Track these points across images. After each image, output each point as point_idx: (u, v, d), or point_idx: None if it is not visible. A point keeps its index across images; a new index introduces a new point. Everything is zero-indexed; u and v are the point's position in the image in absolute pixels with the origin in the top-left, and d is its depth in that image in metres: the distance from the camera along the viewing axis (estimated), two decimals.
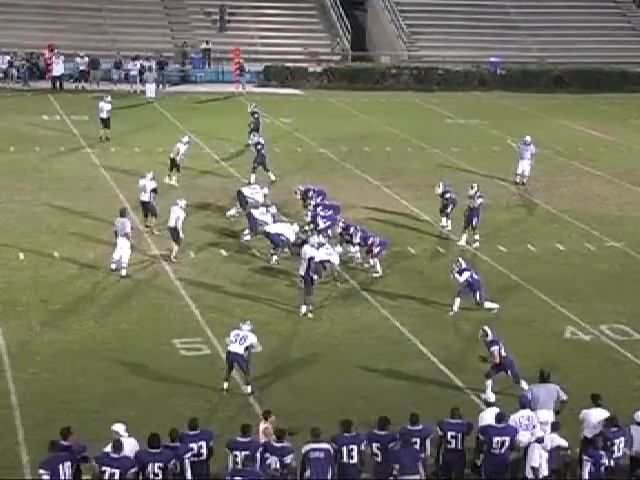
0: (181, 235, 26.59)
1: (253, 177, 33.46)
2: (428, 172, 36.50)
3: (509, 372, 19.31)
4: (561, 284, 26.07)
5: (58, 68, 51.54)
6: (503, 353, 19.36)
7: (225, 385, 19.52)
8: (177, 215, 26.43)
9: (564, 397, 17.61)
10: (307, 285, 23.58)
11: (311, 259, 23.66)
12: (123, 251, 25.31)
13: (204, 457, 15.63)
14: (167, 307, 23.63)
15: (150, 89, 49.89)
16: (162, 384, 19.82)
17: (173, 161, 33.33)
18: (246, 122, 38.71)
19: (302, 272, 23.73)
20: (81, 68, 52.47)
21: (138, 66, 52.01)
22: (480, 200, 28.61)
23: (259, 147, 34.13)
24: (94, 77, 52.65)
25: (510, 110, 50.27)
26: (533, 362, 19.37)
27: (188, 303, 23.87)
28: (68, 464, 14.91)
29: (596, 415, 16.68)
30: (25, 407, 18.63)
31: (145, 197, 28.61)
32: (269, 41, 58.22)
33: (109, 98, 40.32)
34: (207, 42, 56.06)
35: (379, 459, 15.77)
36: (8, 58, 51.98)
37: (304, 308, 23.49)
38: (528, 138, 35.77)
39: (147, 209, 28.80)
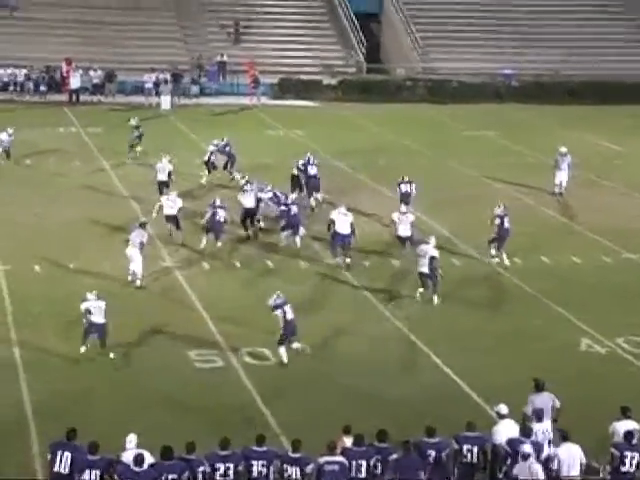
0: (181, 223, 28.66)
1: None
2: (443, 184, 36.39)
3: None
4: (576, 296, 25.92)
5: (75, 81, 51.83)
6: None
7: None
8: (179, 205, 28.56)
9: (558, 404, 17.57)
10: (434, 280, 24.98)
11: (433, 258, 24.89)
12: (136, 262, 25.39)
13: (230, 478, 15.47)
14: (181, 318, 23.58)
15: (165, 101, 50.01)
16: (177, 396, 19.76)
17: (206, 163, 35.05)
18: (261, 135, 38.69)
19: (425, 270, 24.87)
20: (95, 81, 52.80)
21: (153, 78, 52.25)
22: (506, 219, 28.01)
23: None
24: (109, 90, 52.84)
25: (525, 122, 50.15)
26: (548, 375, 19.20)
27: (202, 315, 23.82)
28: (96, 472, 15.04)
29: (626, 427, 16.55)
30: (40, 418, 18.59)
31: (163, 177, 31.81)
32: (283, 54, 58.26)
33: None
34: (222, 55, 56.13)
35: (378, 471, 15.71)
36: (25, 71, 52.25)
37: (436, 298, 24.94)
38: (564, 149, 35.70)
39: (165, 186, 31.47)
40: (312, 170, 32.98)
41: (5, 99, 51.00)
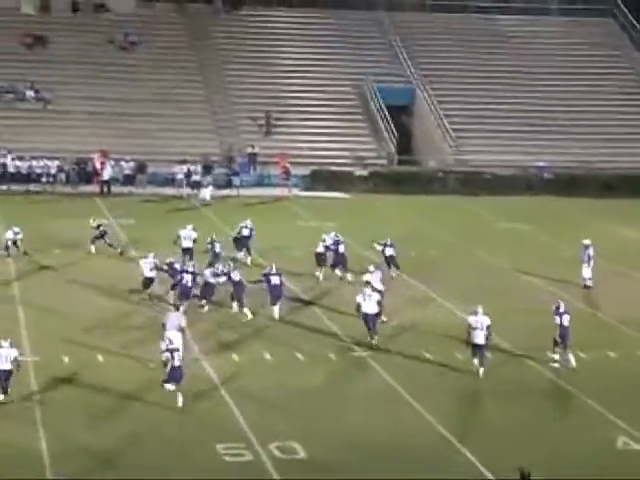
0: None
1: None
2: (473, 276, 36.40)
3: None
4: (613, 392, 25.64)
5: (106, 172, 52.59)
6: None
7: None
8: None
9: None
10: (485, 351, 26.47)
11: (489, 326, 26.04)
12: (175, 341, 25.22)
13: None
14: (210, 409, 23.52)
15: (206, 192, 50.72)
16: None
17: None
18: (292, 226, 38.94)
19: (481, 341, 26.06)
20: (126, 172, 53.53)
21: (185, 170, 52.91)
22: (566, 316, 27.39)
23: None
24: (141, 181, 53.48)
25: (558, 215, 50.22)
26: (584, 471, 19.03)
27: (232, 408, 23.75)
28: None
29: None
30: None
31: (188, 243, 34.61)
32: (315, 145, 58.87)
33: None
34: (253, 146, 56.80)
35: None
36: (57, 163, 53.06)
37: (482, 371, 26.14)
38: (587, 241, 35.81)
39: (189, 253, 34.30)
40: (341, 248, 35.47)
41: (37, 190, 51.80)
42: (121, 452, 21.19)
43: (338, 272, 35.24)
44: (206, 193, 51.09)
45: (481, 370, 26.14)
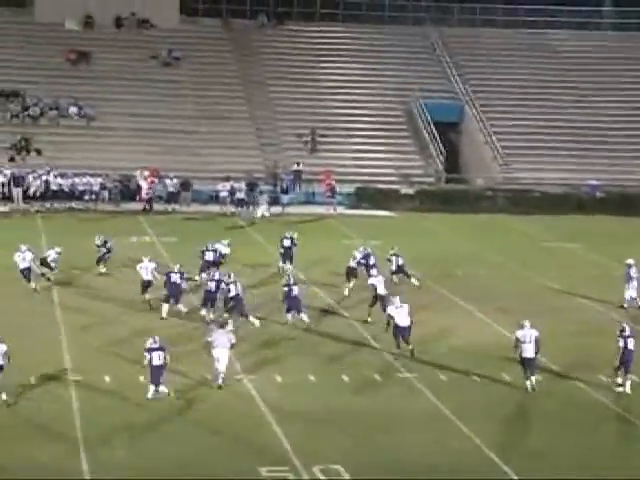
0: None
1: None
2: (524, 297, 36.25)
3: None
4: None
5: (150, 189, 53.00)
6: None
7: None
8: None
9: None
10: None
11: (538, 338, 26.23)
12: (222, 363, 25.97)
13: None
14: (252, 430, 23.57)
15: (261, 209, 51.04)
16: None
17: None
18: (336, 244, 38.99)
19: (531, 355, 26.24)
20: (170, 189, 53.83)
21: (228, 187, 53.20)
22: (631, 340, 26.84)
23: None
24: (185, 199, 53.81)
25: (610, 234, 49.85)
26: None
27: (275, 429, 23.80)
28: None
29: None
30: None
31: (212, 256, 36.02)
32: (361, 162, 58.98)
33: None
34: (298, 163, 57.02)
35: None
36: (100, 180, 53.50)
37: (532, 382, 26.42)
38: (630, 260, 35.55)
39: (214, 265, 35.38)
40: (372, 261, 36.62)
41: (80, 207, 52.33)
42: (164, 474, 21.30)
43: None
44: (261, 210, 51.42)
45: (529, 383, 26.23)
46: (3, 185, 53.16)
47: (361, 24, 69.16)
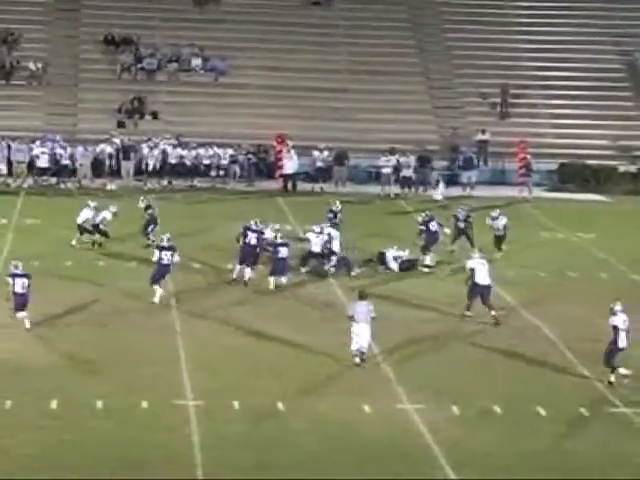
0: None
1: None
2: None
3: None
4: None
5: (291, 165, 53.22)
6: None
7: None
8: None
9: None
10: None
11: None
12: (364, 338, 29.12)
13: None
14: (421, 472, 23.56)
15: (438, 191, 51.65)
16: None
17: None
18: (533, 238, 38.64)
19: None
20: (319, 165, 53.87)
21: (393, 162, 53.00)
22: None
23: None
24: (339, 176, 53.80)
25: None
26: None
27: (447, 471, 23.71)
28: None
29: None
30: None
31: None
32: (565, 131, 58.40)
33: None
34: (483, 132, 56.70)
35: None
36: (231, 152, 53.85)
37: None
38: None
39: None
40: (433, 227, 39.85)
41: (205, 186, 52.93)
42: None
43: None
44: (438, 192, 51.65)
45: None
46: (111, 157, 53.35)
47: None
